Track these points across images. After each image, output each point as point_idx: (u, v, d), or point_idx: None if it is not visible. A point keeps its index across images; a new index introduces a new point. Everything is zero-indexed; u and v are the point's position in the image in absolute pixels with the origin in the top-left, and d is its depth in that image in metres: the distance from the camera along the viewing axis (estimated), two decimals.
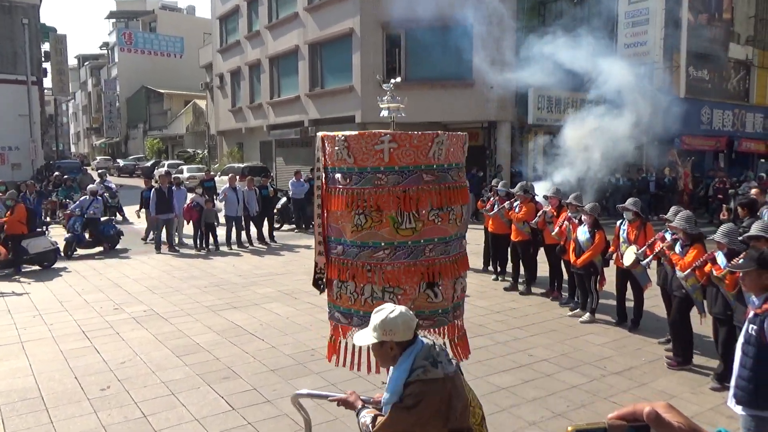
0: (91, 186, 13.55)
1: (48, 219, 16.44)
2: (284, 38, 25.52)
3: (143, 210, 14.31)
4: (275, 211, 15.57)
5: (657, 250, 6.26)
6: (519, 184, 9.62)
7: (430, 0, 19.27)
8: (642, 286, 7.13)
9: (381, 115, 3.85)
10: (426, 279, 3.18)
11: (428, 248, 3.15)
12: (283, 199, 16.73)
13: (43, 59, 31.63)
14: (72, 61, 62.15)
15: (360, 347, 3.29)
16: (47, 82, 33.81)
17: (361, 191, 3.06)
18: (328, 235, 3.31)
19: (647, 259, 6.48)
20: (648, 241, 6.63)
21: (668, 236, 6.36)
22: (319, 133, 3.30)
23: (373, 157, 3.06)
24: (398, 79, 4.06)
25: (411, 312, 2.52)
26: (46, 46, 33.00)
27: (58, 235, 12.86)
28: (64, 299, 8.69)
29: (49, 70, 33.70)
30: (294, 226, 16.50)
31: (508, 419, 4.79)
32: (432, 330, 3.32)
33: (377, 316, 2.46)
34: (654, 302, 7.91)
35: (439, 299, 3.24)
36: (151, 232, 13.79)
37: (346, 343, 3.49)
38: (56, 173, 19.82)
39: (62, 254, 11.74)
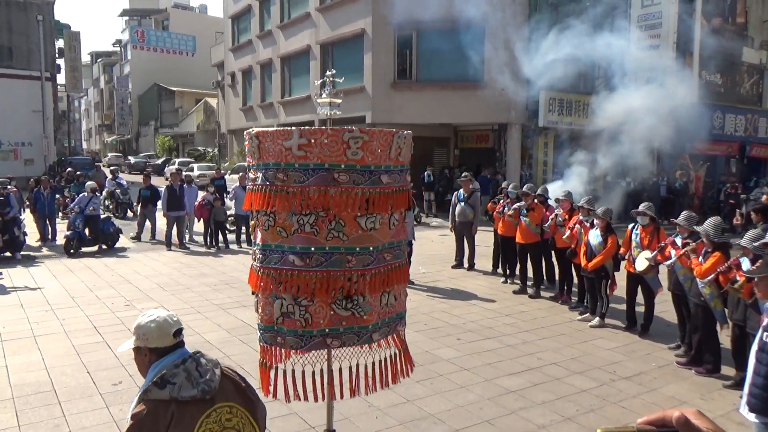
0: (89, 183, 13.46)
1: (60, 214, 16.59)
2: (296, 38, 25.60)
3: (139, 206, 14.50)
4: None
5: (677, 256, 6.18)
6: (526, 185, 9.66)
7: (442, 1, 19.29)
8: (653, 291, 7.10)
9: (318, 111, 3.71)
10: (290, 291, 2.90)
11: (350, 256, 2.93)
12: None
13: (56, 56, 31.91)
14: (85, 58, 62.56)
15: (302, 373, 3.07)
16: (60, 78, 34.12)
17: (304, 189, 2.82)
18: (264, 243, 3.03)
19: (671, 260, 6.28)
20: (658, 246, 6.61)
21: (678, 241, 6.34)
22: (254, 130, 3.02)
23: (280, 155, 2.85)
24: (333, 71, 3.85)
25: (175, 318, 2.33)
26: (60, 43, 33.30)
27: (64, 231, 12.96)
28: (75, 294, 8.77)
29: (62, 66, 34.02)
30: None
31: (516, 422, 4.79)
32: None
33: (137, 320, 2.30)
34: (664, 307, 7.88)
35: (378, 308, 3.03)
36: (148, 230, 14.05)
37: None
38: (69, 169, 19.98)
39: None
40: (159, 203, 13.73)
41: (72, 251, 12.03)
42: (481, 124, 21.33)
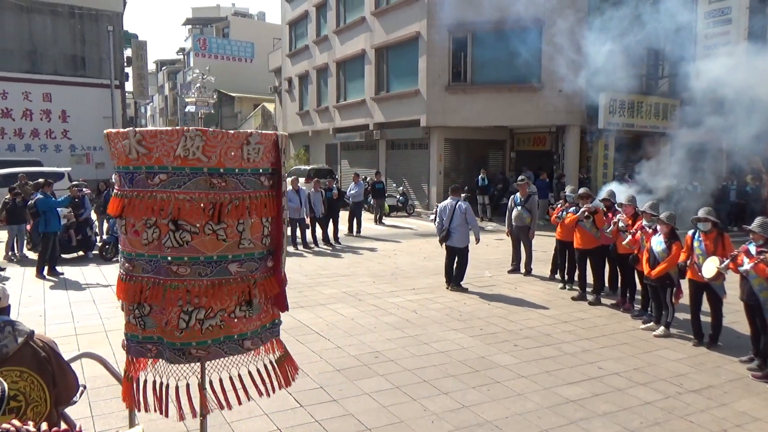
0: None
1: None
2: (351, 42, 25.89)
3: None
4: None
5: (751, 264, 5.87)
6: (582, 189, 9.43)
7: (498, 2, 19.07)
8: (721, 298, 6.77)
9: (186, 110, 3.56)
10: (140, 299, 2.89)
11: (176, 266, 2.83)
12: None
13: (125, 64, 33.43)
14: (151, 66, 65.23)
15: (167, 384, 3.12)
16: (128, 85, 35.66)
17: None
18: (124, 249, 2.94)
19: (745, 267, 5.96)
20: (730, 254, 6.30)
21: (752, 248, 6.03)
22: (111, 130, 2.95)
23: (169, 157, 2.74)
24: (203, 73, 3.69)
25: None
26: (128, 52, 34.85)
27: None
28: None
29: (130, 74, 35.58)
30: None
31: None
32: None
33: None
34: (734, 318, 7.52)
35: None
36: None
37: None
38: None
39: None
40: None
41: (109, 256, 11.89)
42: (538, 127, 20.96)
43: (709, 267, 6.46)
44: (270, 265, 3.15)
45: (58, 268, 10.71)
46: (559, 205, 10.02)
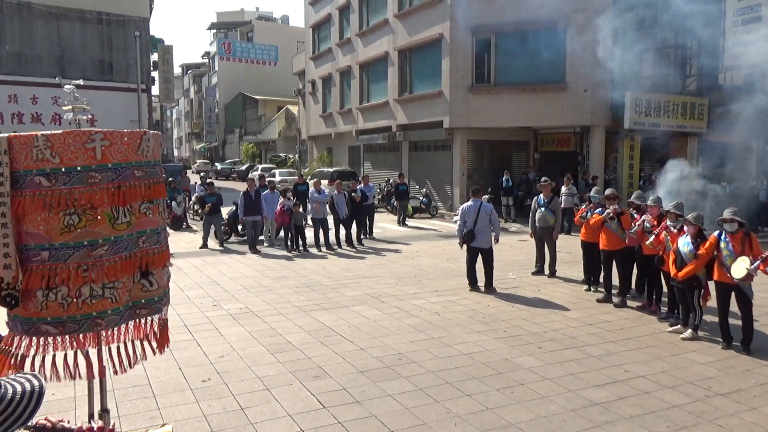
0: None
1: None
2: (374, 45, 25.96)
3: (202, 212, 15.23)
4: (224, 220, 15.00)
5: None
6: (608, 190, 9.33)
7: (521, 3, 18.95)
8: (750, 299, 6.62)
9: (65, 117, 3.75)
10: (141, 269, 3.18)
11: (141, 240, 3.17)
12: (232, 208, 15.28)
13: (151, 68, 34.01)
14: (177, 70, 66.24)
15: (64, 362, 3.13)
16: (154, 89, 36.26)
17: (72, 191, 3.00)
18: (24, 243, 3.06)
19: None
20: (761, 255, 6.16)
21: None
22: (2, 135, 3.14)
23: (84, 156, 3.01)
24: (78, 82, 3.96)
25: None
26: (154, 56, 35.46)
27: None
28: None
29: (156, 78, 36.16)
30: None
31: None
32: (140, 321, 3.25)
33: None
34: (765, 321, 7.36)
35: (155, 287, 3.23)
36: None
37: (53, 357, 3.18)
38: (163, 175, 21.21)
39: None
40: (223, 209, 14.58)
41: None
42: (562, 127, 20.75)
43: (740, 267, 6.33)
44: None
45: None
46: (583, 206, 9.91)
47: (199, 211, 16.28)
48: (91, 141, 3.06)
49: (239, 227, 15.17)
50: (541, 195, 10.86)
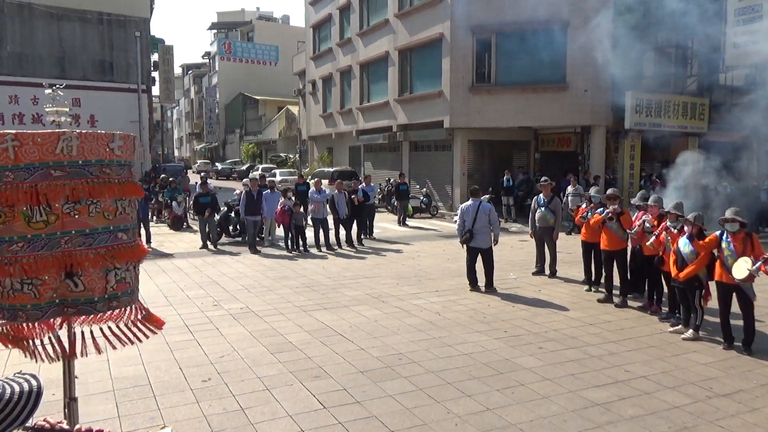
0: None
1: (154, 218, 17.59)
2: (375, 44, 25.95)
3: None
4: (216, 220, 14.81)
5: None
6: (610, 190, 9.29)
7: (521, 3, 18.94)
8: (752, 300, 6.60)
9: (48, 120, 3.75)
10: (66, 269, 3.18)
11: (64, 240, 3.17)
12: (224, 209, 15.40)
13: (152, 69, 34.00)
14: (177, 70, 66.25)
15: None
16: (155, 90, 36.28)
17: None
18: None
19: None
20: (763, 255, 6.14)
21: None
22: None
23: (2, 156, 3.08)
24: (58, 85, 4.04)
25: None
26: (154, 57, 35.46)
27: (162, 233, 13.74)
28: (169, 294, 9.28)
29: (156, 78, 36.17)
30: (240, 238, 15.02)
31: None
32: (79, 317, 3.30)
33: None
34: (766, 321, 7.35)
35: (80, 289, 3.21)
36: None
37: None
38: (162, 175, 21.19)
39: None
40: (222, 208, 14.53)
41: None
42: (563, 127, 20.74)
43: (741, 267, 6.31)
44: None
45: None
46: (584, 206, 9.90)
47: (191, 212, 16.02)
48: (4, 142, 3.12)
49: (230, 228, 15.15)
50: (541, 195, 10.86)
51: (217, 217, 14.81)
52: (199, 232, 14.44)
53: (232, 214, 15.25)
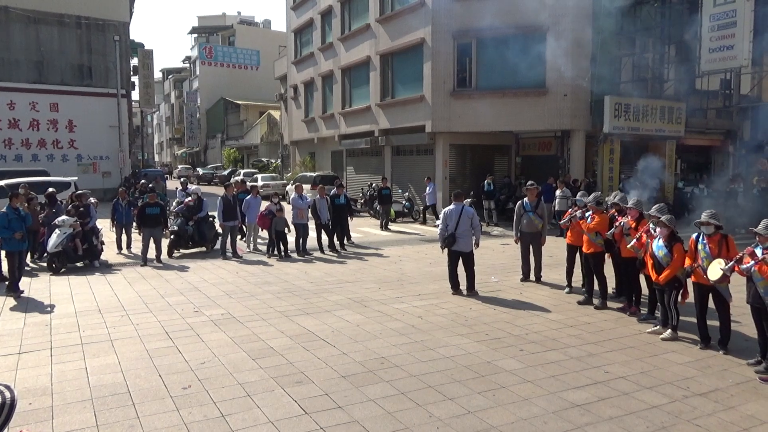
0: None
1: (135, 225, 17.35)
2: (356, 49, 25.99)
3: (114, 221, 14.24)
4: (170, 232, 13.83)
5: (755, 264, 5.85)
6: (593, 195, 9.32)
7: (502, 8, 19.12)
8: (728, 301, 6.72)
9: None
10: None
11: None
12: (179, 220, 13.93)
13: (131, 73, 33.66)
14: (157, 75, 65.71)
15: None
16: (135, 94, 35.93)
17: None
18: None
19: (748, 266, 5.90)
20: (735, 256, 6.26)
21: (759, 251, 5.99)
22: None
23: None
24: None
25: None
26: (134, 61, 35.13)
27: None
28: (148, 301, 9.18)
29: (136, 83, 35.82)
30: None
31: None
32: None
33: None
34: (741, 321, 7.48)
35: None
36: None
37: None
38: (142, 181, 20.97)
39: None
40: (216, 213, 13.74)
41: (57, 267, 11.53)
42: (543, 131, 20.95)
43: (715, 269, 6.43)
44: None
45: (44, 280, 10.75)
46: (569, 210, 9.97)
47: (135, 225, 13.77)
48: None
49: (188, 242, 13.84)
50: (527, 199, 10.73)
51: (168, 230, 13.77)
52: (141, 247, 12.68)
53: (190, 224, 13.73)
